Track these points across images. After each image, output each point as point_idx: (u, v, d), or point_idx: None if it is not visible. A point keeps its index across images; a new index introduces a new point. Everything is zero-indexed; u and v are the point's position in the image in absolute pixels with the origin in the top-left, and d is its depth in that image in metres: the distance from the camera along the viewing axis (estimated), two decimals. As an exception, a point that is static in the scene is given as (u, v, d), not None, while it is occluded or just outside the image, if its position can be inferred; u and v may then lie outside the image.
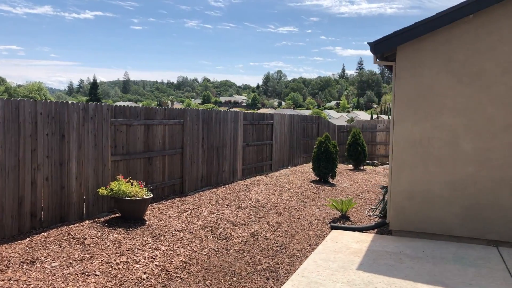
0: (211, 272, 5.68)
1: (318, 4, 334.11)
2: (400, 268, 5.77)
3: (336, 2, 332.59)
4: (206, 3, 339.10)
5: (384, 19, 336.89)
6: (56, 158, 6.90)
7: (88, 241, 6.37)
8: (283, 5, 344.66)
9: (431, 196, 7.09)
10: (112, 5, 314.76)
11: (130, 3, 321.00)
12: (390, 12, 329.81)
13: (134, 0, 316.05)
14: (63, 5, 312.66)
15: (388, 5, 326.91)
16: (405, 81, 7.15)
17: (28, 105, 6.42)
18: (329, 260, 6.11)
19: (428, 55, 7.00)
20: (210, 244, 6.81)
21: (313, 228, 8.07)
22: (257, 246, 6.90)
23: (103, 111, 7.74)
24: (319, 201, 10.75)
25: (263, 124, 13.99)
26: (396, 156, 7.30)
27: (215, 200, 9.65)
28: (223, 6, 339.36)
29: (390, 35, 6.95)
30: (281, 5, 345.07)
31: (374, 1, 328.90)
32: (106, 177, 7.83)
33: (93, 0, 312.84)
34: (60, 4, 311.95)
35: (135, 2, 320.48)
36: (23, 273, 5.11)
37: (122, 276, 5.28)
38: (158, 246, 6.45)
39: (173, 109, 9.80)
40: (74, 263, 5.53)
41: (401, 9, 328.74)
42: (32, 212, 6.55)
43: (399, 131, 7.25)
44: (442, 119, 6.98)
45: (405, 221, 7.26)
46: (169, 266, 5.73)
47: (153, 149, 9.01)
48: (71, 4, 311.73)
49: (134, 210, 7.46)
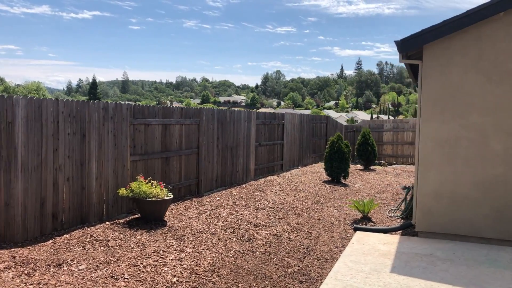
0: (241, 275, 5.54)
1: (316, 4, 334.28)
2: (435, 271, 5.65)
3: (334, 2, 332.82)
4: (204, 3, 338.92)
5: (381, 20, 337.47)
6: (77, 158, 6.75)
7: (112, 243, 6.23)
8: (281, 5, 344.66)
9: (459, 197, 6.96)
10: (110, 5, 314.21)
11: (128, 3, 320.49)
12: (387, 13, 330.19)
13: (132, 0, 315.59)
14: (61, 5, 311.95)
15: (385, 5, 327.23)
16: (432, 80, 7.03)
17: (51, 104, 6.27)
18: (360, 262, 5.97)
19: (457, 53, 6.87)
20: (234, 246, 6.67)
21: (335, 230, 7.93)
22: (283, 248, 6.76)
23: (123, 111, 7.59)
24: (335, 201, 10.62)
25: (274, 123, 13.86)
26: (422, 156, 7.17)
27: (232, 201, 9.51)
28: (221, 6, 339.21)
29: (418, 33, 6.82)
30: (279, 5, 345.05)
31: (371, 1, 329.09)
32: (125, 177, 7.69)
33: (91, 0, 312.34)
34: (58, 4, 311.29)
35: (133, 2, 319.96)
36: (51, 276, 4.97)
37: (152, 280, 5.14)
38: (183, 248, 6.31)
39: (190, 108, 9.67)
40: (101, 266, 5.38)
41: (398, 9, 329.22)
42: (53, 213, 6.41)
43: (425, 130, 7.12)
44: (471, 119, 6.86)
45: (432, 223, 7.13)
46: (198, 269, 5.58)
47: (170, 149, 8.87)
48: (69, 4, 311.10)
49: (154, 211, 7.32)
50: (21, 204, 5.89)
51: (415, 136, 7.38)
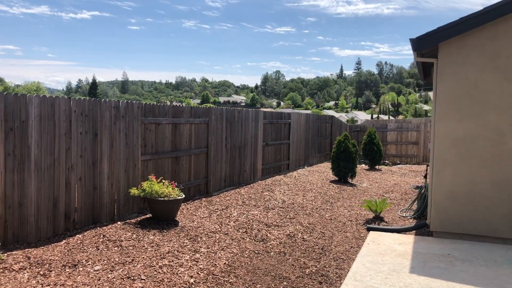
0: (258, 276, 5.45)
1: (315, 5, 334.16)
2: (454, 272, 5.57)
3: (333, 2, 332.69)
4: (204, 3, 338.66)
5: (381, 20, 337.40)
6: (89, 158, 6.67)
7: (125, 243, 6.15)
8: (280, 5, 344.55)
9: (475, 197, 6.89)
10: (110, 5, 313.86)
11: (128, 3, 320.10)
12: (387, 13, 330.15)
13: (132, 0, 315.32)
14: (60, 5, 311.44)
15: (384, 5, 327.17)
16: (448, 78, 6.95)
17: (63, 102, 6.19)
18: (378, 263, 5.89)
19: (473, 51, 6.79)
20: (248, 246, 6.59)
21: (348, 230, 7.85)
22: (297, 248, 6.68)
23: (134, 109, 7.51)
24: (344, 201, 10.54)
25: (281, 123, 13.78)
26: (437, 155, 7.09)
27: (241, 201, 9.43)
28: (220, 7, 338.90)
29: (433, 31, 6.74)
30: (278, 5, 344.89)
31: (371, 1, 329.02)
32: (136, 177, 7.61)
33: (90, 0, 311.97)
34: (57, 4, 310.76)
35: (132, 2, 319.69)
36: (67, 277, 4.88)
37: (169, 281, 5.06)
38: (197, 248, 6.23)
39: (199, 107, 9.58)
40: (117, 266, 5.30)
41: (397, 9, 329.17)
42: (66, 213, 6.32)
43: (441, 129, 7.04)
44: (487, 117, 6.78)
45: (447, 222, 7.05)
46: (214, 270, 5.50)
47: (180, 148, 8.79)
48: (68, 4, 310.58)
49: (166, 211, 7.24)
50: (34, 204, 5.80)
51: (430, 135, 7.30)
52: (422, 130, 20.70)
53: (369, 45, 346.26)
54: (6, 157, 5.42)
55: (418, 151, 20.94)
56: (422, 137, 20.72)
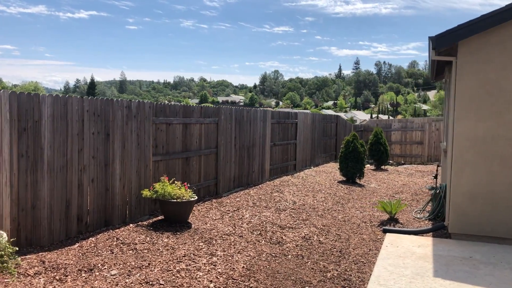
0: (279, 280, 5.30)
1: (313, 4, 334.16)
2: (480, 275, 5.43)
3: (331, 2, 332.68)
4: (201, 3, 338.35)
5: (379, 19, 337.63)
6: (101, 159, 6.51)
7: (139, 246, 5.99)
8: (278, 5, 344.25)
9: (496, 198, 6.75)
10: (107, 5, 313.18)
11: (125, 2, 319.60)
12: (384, 12, 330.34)
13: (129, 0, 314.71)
14: (57, 5, 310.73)
15: (382, 5, 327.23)
16: (468, 77, 6.81)
17: (76, 102, 6.03)
18: (400, 266, 5.75)
19: (494, 49, 6.66)
20: (264, 249, 6.44)
21: (364, 232, 7.71)
22: (315, 251, 6.53)
23: (145, 109, 7.35)
24: (354, 202, 10.40)
25: (288, 123, 13.63)
26: (456, 155, 6.95)
27: (252, 202, 9.28)
28: (218, 6, 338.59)
29: (453, 29, 6.60)
30: (276, 5, 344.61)
31: (369, 1, 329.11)
32: (147, 178, 7.45)
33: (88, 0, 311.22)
34: (54, 4, 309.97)
35: (130, 2, 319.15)
36: (84, 282, 4.73)
37: (189, 285, 4.91)
38: (213, 251, 6.08)
39: (209, 107, 9.43)
40: (134, 271, 5.14)
41: (395, 9, 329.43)
42: (78, 216, 6.16)
43: (460, 129, 6.90)
44: (509, 116, 6.64)
45: (466, 224, 6.92)
46: (233, 274, 5.35)
47: (190, 148, 8.63)
48: (66, 3, 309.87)
49: (179, 212, 7.09)
50: (47, 206, 5.64)
51: (446, 134, 7.16)
52: (426, 129, 20.59)
53: (367, 45, 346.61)
54: (20, 158, 5.26)
55: (422, 151, 20.83)
56: (427, 136, 20.61)
